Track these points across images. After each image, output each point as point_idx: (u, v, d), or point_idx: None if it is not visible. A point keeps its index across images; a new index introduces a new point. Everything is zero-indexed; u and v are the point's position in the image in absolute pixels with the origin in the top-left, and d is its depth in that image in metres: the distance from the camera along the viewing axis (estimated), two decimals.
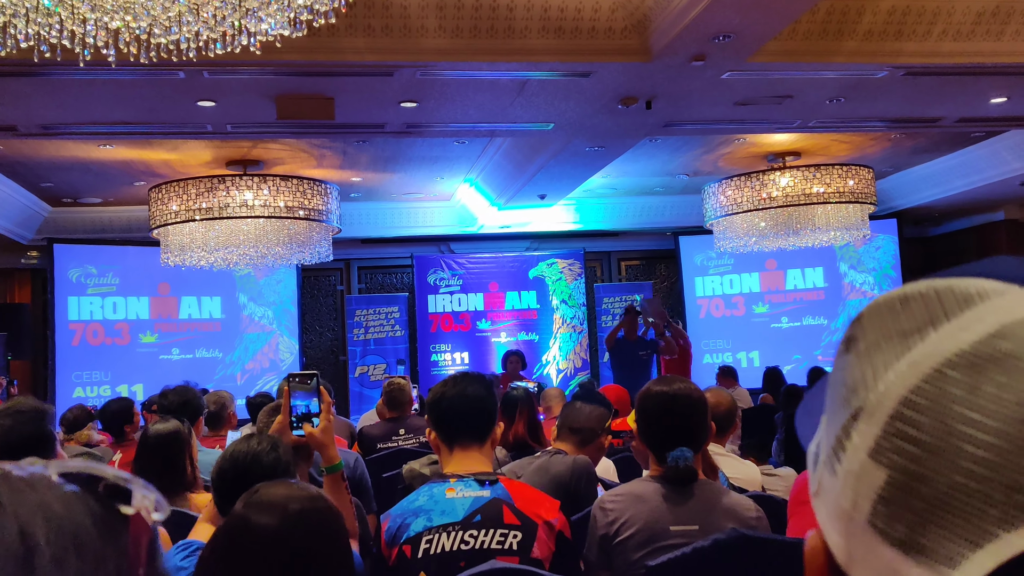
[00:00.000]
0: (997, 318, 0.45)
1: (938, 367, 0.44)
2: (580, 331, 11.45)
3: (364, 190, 9.79)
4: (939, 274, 0.50)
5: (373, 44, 5.21)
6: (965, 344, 0.45)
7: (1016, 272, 0.48)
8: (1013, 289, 0.47)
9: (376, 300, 11.17)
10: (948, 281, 0.48)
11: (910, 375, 0.45)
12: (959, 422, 0.43)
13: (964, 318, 0.46)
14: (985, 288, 0.47)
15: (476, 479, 2.24)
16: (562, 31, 5.32)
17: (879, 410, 0.46)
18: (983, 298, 0.46)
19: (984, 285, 0.47)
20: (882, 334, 0.48)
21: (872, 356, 0.48)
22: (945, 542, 0.42)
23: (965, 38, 5.73)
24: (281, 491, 1.54)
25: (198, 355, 10.24)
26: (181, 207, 7.90)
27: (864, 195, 8.88)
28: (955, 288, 0.47)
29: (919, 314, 0.47)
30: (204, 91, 5.69)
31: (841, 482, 0.47)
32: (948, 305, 0.47)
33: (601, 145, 7.44)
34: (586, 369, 11.29)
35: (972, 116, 7.36)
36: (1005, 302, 0.46)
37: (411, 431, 4.96)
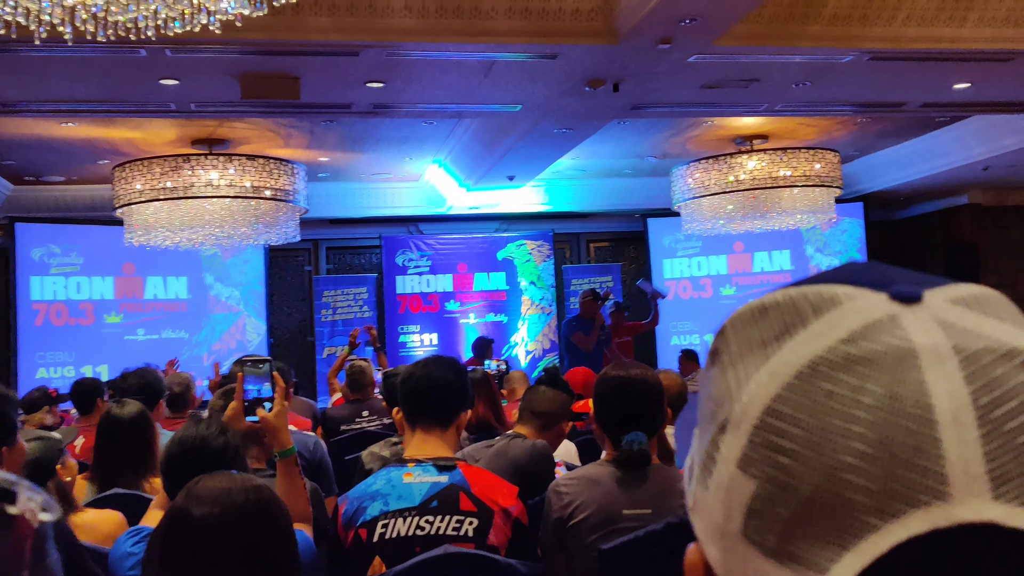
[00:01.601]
0: (848, 323, 0.45)
1: (797, 375, 0.45)
2: (549, 312, 11.48)
3: (332, 170, 9.72)
4: (797, 282, 0.50)
5: (338, 23, 5.16)
6: (820, 350, 0.45)
7: (866, 277, 0.49)
8: (863, 293, 0.47)
9: (344, 281, 11.12)
10: (803, 288, 0.49)
11: (771, 384, 0.46)
12: (820, 428, 0.43)
13: (817, 325, 0.46)
14: (837, 294, 0.47)
15: (435, 464, 2.25)
16: (529, 12, 5.29)
17: (744, 421, 0.46)
18: (835, 304, 0.47)
19: (836, 291, 0.48)
20: (744, 345, 0.49)
21: (735, 367, 0.48)
22: (814, 548, 0.43)
23: (929, 23, 5.78)
24: (221, 482, 1.54)
25: (164, 336, 10.15)
26: (145, 186, 7.79)
27: (830, 179, 8.95)
28: (809, 295, 0.48)
29: (776, 323, 0.48)
30: (167, 69, 5.61)
31: (713, 495, 0.48)
32: (803, 313, 0.47)
33: (569, 127, 7.43)
34: (554, 351, 11.32)
35: (936, 101, 7.43)
36: (855, 307, 0.46)
37: (374, 413, 4.96)
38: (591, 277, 11.67)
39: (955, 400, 0.42)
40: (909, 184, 10.68)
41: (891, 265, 0.52)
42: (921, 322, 0.45)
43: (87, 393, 4.70)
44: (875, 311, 0.46)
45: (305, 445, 3.36)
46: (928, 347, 0.44)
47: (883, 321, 0.45)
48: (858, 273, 0.50)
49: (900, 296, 0.46)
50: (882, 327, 0.45)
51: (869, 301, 0.46)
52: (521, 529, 2.25)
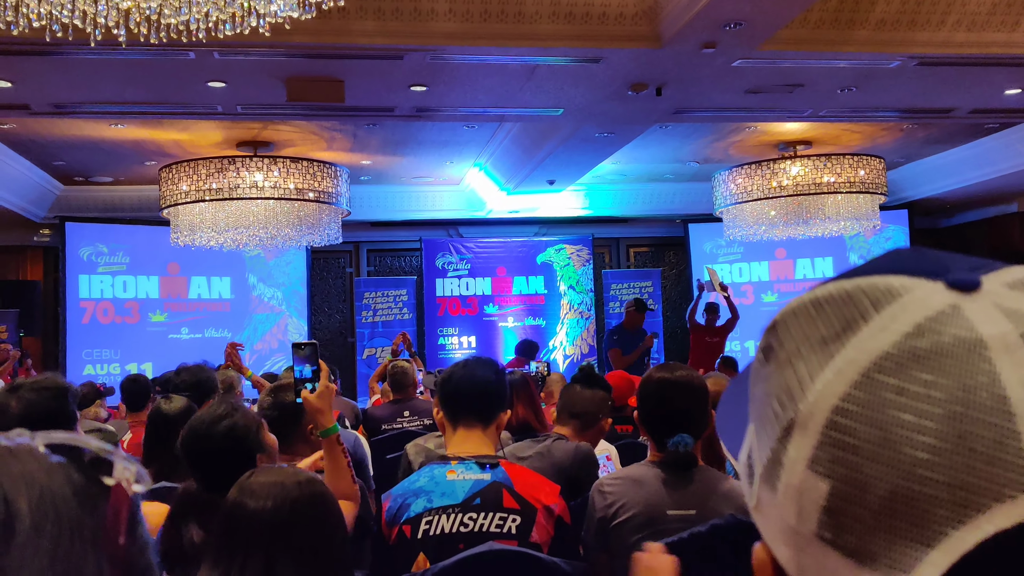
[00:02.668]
0: (910, 316, 0.45)
1: (864, 372, 0.44)
2: (587, 317, 11.46)
3: (374, 173, 9.80)
4: (847, 272, 0.50)
5: (383, 27, 5.21)
6: (885, 346, 0.45)
7: (918, 265, 0.48)
8: (920, 283, 0.47)
9: (384, 283, 11.20)
10: (856, 281, 0.48)
11: (837, 383, 0.45)
12: (893, 425, 0.43)
13: (879, 319, 0.46)
14: (893, 285, 0.47)
15: (477, 462, 2.26)
16: (572, 16, 5.30)
17: (812, 421, 0.46)
18: (893, 296, 0.46)
19: (892, 283, 0.47)
20: (801, 342, 0.48)
21: (796, 366, 0.48)
22: (897, 547, 0.42)
23: (979, 28, 5.70)
24: (274, 476, 1.59)
25: (207, 335, 10.29)
26: (191, 187, 7.92)
27: (875, 185, 8.85)
28: (865, 288, 0.47)
29: (835, 318, 0.47)
30: (214, 72, 5.70)
31: (783, 497, 0.47)
32: (862, 307, 0.47)
33: (611, 131, 7.43)
34: (592, 355, 11.30)
35: (986, 107, 7.31)
36: (915, 298, 0.46)
37: (416, 413, 4.99)
38: (631, 282, 11.63)
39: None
40: (956, 191, 10.50)
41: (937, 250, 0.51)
42: (984, 310, 0.44)
43: (140, 390, 4.79)
44: (936, 302, 0.45)
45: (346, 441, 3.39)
46: (996, 337, 0.43)
47: (946, 312, 0.45)
48: (910, 261, 0.49)
49: (958, 284, 0.46)
50: (946, 318, 0.44)
51: (928, 291, 0.46)
52: (564, 527, 2.26)
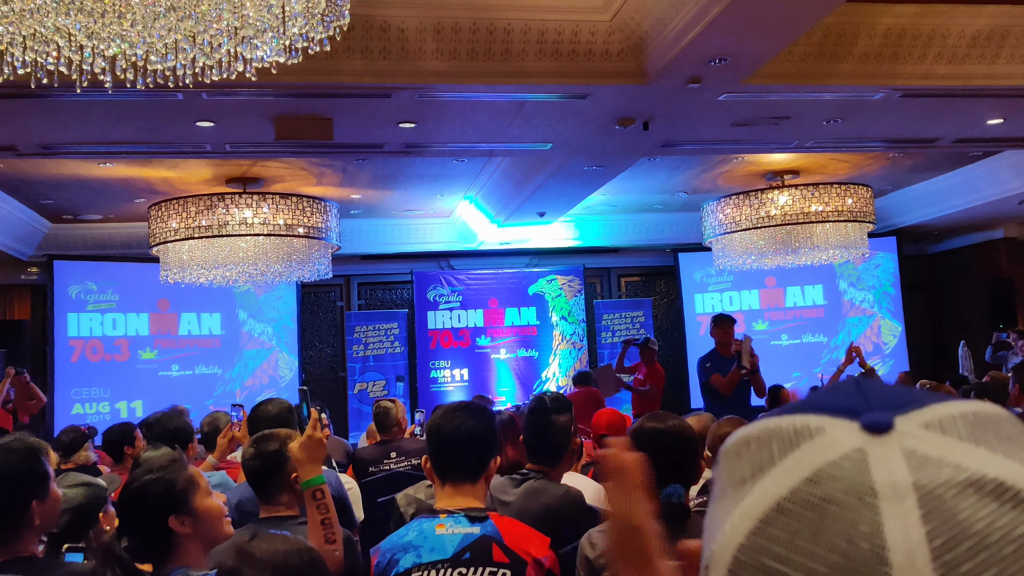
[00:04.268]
0: (812, 461, 0.45)
1: (762, 518, 0.45)
2: (580, 347, 11.45)
3: (364, 207, 9.81)
4: (783, 409, 0.50)
5: (371, 66, 5.23)
6: (783, 491, 0.45)
7: (847, 402, 0.48)
8: (835, 424, 0.47)
9: (376, 316, 11.18)
10: (782, 420, 0.48)
11: (741, 526, 0.46)
12: (782, 574, 0.43)
13: (785, 463, 0.46)
14: (809, 427, 0.47)
15: (467, 515, 2.24)
16: (559, 54, 5.34)
17: (719, 563, 0.46)
18: (808, 437, 0.47)
19: (810, 422, 0.47)
20: (727, 481, 0.49)
21: (719, 504, 0.49)
22: None
23: (960, 61, 5.76)
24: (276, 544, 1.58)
25: (198, 371, 10.24)
26: (181, 224, 7.91)
27: (863, 213, 8.89)
28: (785, 428, 0.48)
29: (753, 459, 0.48)
30: (203, 112, 5.72)
31: None
32: (776, 449, 0.47)
33: (599, 165, 7.46)
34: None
35: (969, 137, 7.37)
36: (824, 441, 0.46)
37: (403, 454, 4.95)
38: (623, 312, 11.64)
39: (909, 543, 0.41)
40: (943, 218, 10.58)
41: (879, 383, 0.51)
42: (886, 456, 0.44)
43: (115, 441, 4.74)
44: (843, 445, 0.45)
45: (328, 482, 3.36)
46: (887, 485, 0.43)
47: (849, 457, 0.45)
48: (841, 397, 0.49)
49: (870, 426, 0.46)
50: (846, 464, 0.44)
51: (839, 434, 0.46)
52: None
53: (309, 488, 2.39)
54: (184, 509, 2.13)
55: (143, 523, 2.13)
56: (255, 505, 2.75)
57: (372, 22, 5.07)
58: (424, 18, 5.11)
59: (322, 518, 2.38)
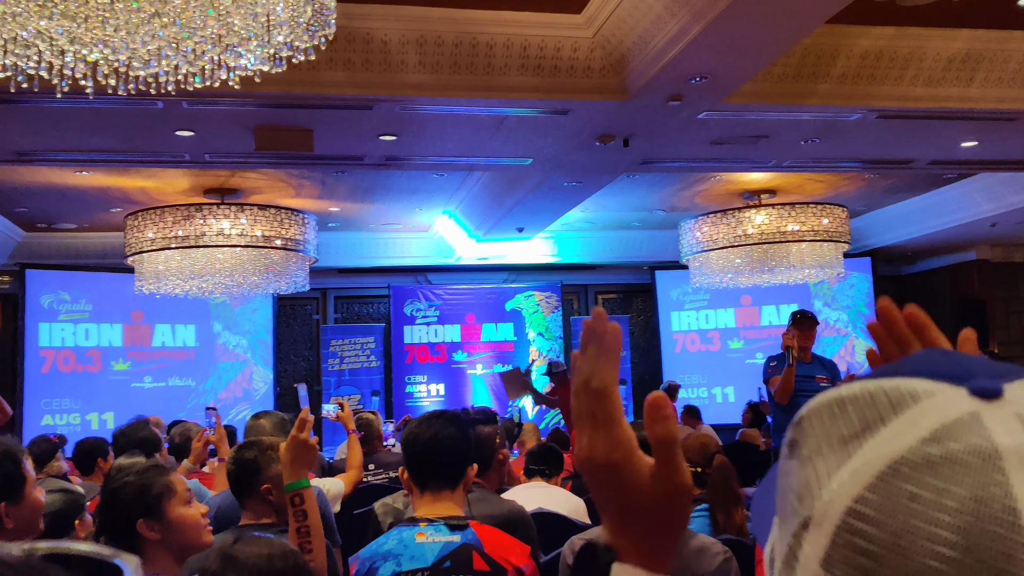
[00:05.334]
0: (928, 422, 0.45)
1: (879, 475, 0.45)
2: None
3: (342, 220, 9.78)
4: (874, 373, 0.50)
5: (353, 78, 5.23)
6: (901, 451, 0.45)
7: (944, 369, 0.48)
8: (942, 388, 0.47)
9: (352, 330, 11.13)
10: (880, 382, 0.48)
11: (852, 484, 0.46)
12: (905, 532, 0.43)
13: (897, 423, 0.46)
14: (916, 390, 0.47)
15: (447, 523, 2.23)
16: (541, 69, 5.36)
17: (826, 520, 0.46)
18: (914, 400, 0.47)
19: (915, 386, 0.47)
20: (823, 440, 0.49)
21: (815, 463, 0.48)
22: None
23: (936, 83, 5.84)
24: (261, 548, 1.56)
25: (171, 383, 10.14)
26: (157, 235, 7.86)
27: (838, 234, 8.98)
28: (888, 390, 0.48)
29: (856, 419, 0.48)
30: (182, 121, 5.68)
31: None
32: (882, 409, 0.47)
33: (579, 181, 7.49)
34: None
35: (944, 159, 7.47)
36: (935, 403, 0.46)
37: (381, 466, 4.92)
38: None
39: None
40: (917, 240, 10.70)
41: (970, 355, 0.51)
42: (1003, 420, 0.45)
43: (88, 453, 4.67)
44: (956, 408, 0.45)
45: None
46: (1011, 448, 0.43)
47: (964, 420, 0.45)
48: (937, 364, 0.49)
49: (981, 392, 0.46)
50: (964, 426, 0.45)
51: (949, 397, 0.46)
52: None
53: (288, 492, 2.33)
54: (155, 515, 2.11)
55: (113, 526, 2.12)
56: (234, 512, 2.73)
57: (355, 34, 5.07)
58: (407, 31, 5.12)
59: (298, 526, 2.32)
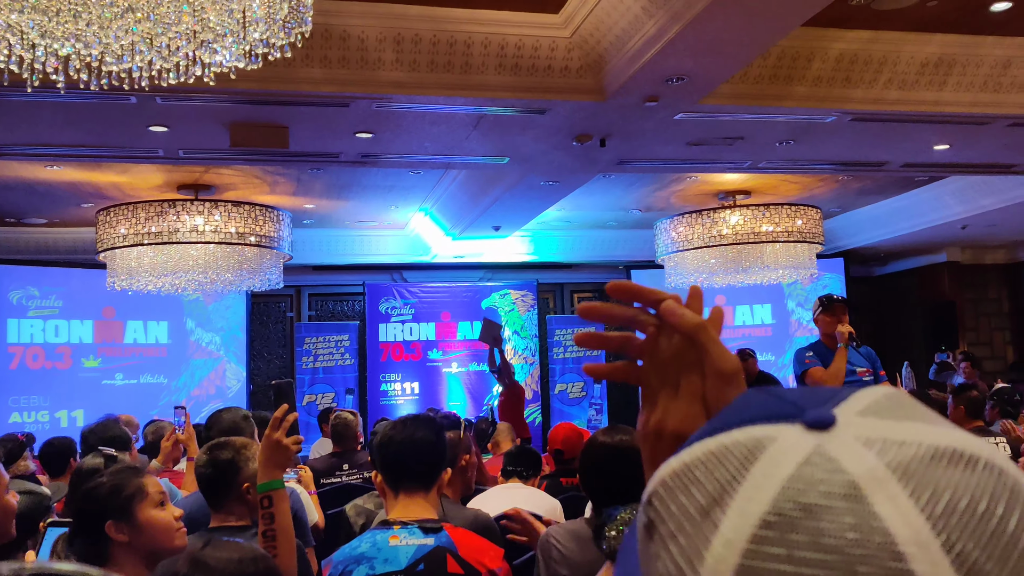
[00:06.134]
0: (779, 472, 0.44)
1: (751, 538, 0.43)
2: (532, 362, 11.45)
3: (317, 217, 9.72)
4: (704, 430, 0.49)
5: (330, 75, 5.20)
6: (765, 507, 0.43)
7: (773, 409, 0.47)
8: (781, 429, 0.46)
9: (326, 328, 11.07)
10: (720, 439, 0.47)
11: (729, 555, 0.43)
12: None
13: (752, 478, 0.44)
14: (757, 437, 0.46)
15: (420, 526, 2.22)
16: (518, 68, 5.36)
17: None
18: (760, 449, 0.45)
19: (755, 434, 0.46)
20: (682, 514, 0.46)
21: (678, 541, 0.46)
22: None
23: (910, 87, 5.90)
24: (231, 552, 1.54)
25: (143, 380, 10.04)
26: (130, 231, 7.78)
27: (812, 235, 9.05)
28: (730, 445, 0.46)
29: (709, 483, 0.46)
30: (156, 116, 5.62)
31: None
32: (733, 468, 0.45)
33: (556, 180, 7.49)
34: (536, 401, 11.28)
35: (916, 162, 7.55)
36: (781, 448, 0.45)
37: (356, 467, 4.89)
38: (575, 327, 11.67)
39: (910, 524, 0.41)
40: (889, 241, 10.81)
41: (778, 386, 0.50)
42: (847, 448, 0.44)
43: (58, 454, 4.59)
44: (801, 448, 0.44)
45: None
46: (864, 474, 0.42)
47: (812, 457, 0.44)
48: (763, 406, 0.48)
49: (815, 424, 0.45)
50: (814, 465, 0.43)
51: (790, 437, 0.45)
52: None
53: (260, 493, 2.30)
54: (124, 517, 2.09)
55: (83, 526, 2.10)
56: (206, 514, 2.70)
57: (332, 31, 5.04)
58: (384, 29, 5.10)
59: (265, 528, 2.27)
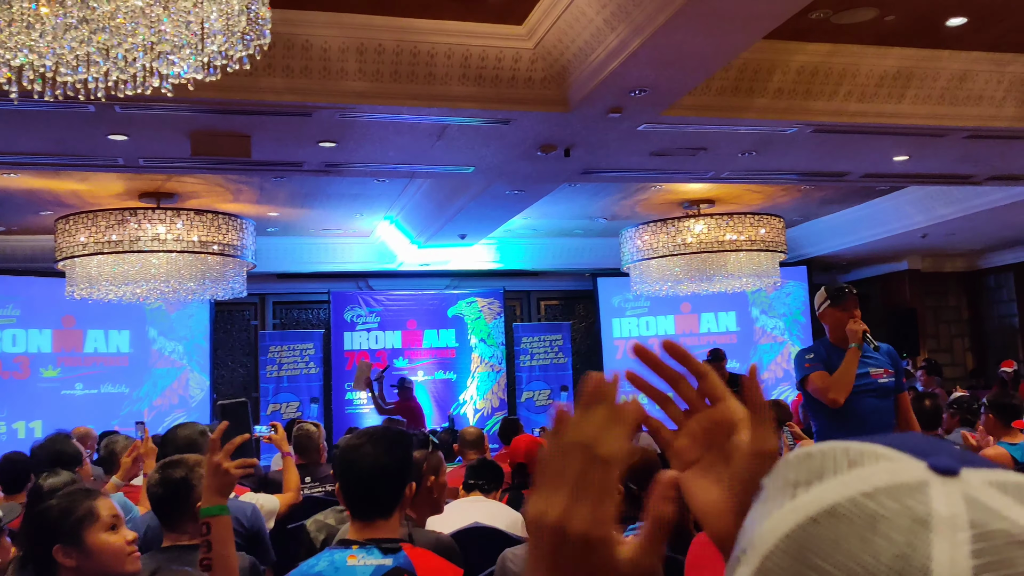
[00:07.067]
0: (875, 480, 0.47)
1: (812, 516, 0.46)
2: (498, 370, 11.45)
3: (281, 225, 9.65)
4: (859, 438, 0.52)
5: (292, 84, 5.16)
6: (839, 498, 0.46)
7: (914, 445, 0.50)
8: (904, 457, 0.48)
9: (291, 336, 10.99)
10: (852, 444, 0.50)
11: (786, 520, 0.47)
12: (823, 573, 0.44)
13: (847, 476, 0.47)
14: (879, 452, 0.49)
15: (379, 547, 2.19)
16: (482, 79, 5.36)
17: (755, 551, 0.48)
18: (873, 460, 0.48)
19: (879, 450, 0.49)
20: (780, 483, 0.50)
21: (767, 502, 0.50)
22: None
23: (869, 99, 5.98)
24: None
25: (103, 390, 9.90)
26: (90, 239, 7.65)
27: (775, 243, 9.13)
28: (852, 449, 0.49)
29: (814, 468, 0.49)
30: (116, 125, 5.55)
31: None
32: (839, 463, 0.48)
33: (521, 189, 7.50)
34: (503, 409, 11.27)
35: (876, 172, 7.65)
36: (890, 467, 0.47)
37: (318, 480, 4.83)
38: (541, 335, 11.69)
39: (955, 569, 0.42)
40: (851, 249, 10.95)
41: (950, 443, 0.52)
42: (948, 494, 0.46)
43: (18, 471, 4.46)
44: (908, 474, 0.47)
45: (242, 512, 3.23)
46: (944, 516, 0.44)
47: (911, 484, 0.46)
48: (910, 440, 0.51)
49: (938, 467, 0.47)
50: (907, 490, 0.46)
51: (906, 464, 0.47)
52: None
53: (200, 518, 2.18)
54: (72, 541, 2.04)
55: (32, 550, 2.05)
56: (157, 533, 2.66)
57: (294, 40, 5.01)
58: (347, 39, 5.08)
59: (203, 557, 2.15)
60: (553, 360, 11.47)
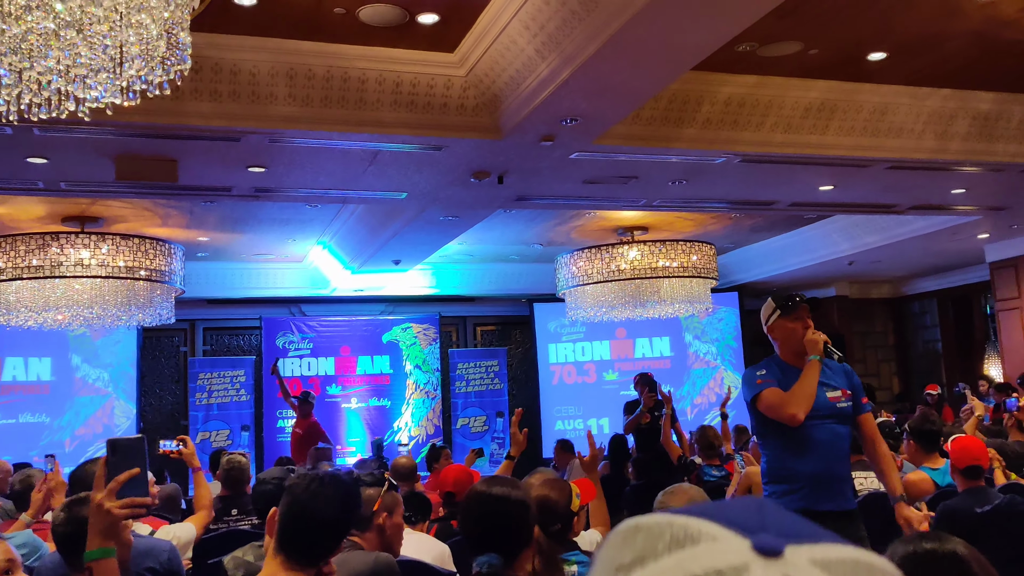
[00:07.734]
0: (694, 566, 0.45)
1: None
2: (433, 397, 11.37)
3: (212, 249, 9.48)
4: (686, 509, 0.50)
5: (219, 109, 5.08)
6: None
7: (740, 518, 0.49)
8: (728, 536, 0.47)
9: (221, 363, 10.77)
10: (676, 518, 0.49)
11: None
12: None
13: (668, 560, 0.46)
14: (703, 531, 0.47)
15: None
16: (414, 105, 5.34)
17: None
18: (694, 542, 0.47)
19: (703, 528, 0.48)
20: (605, 565, 0.49)
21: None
22: None
23: (795, 130, 6.11)
24: None
25: (22, 420, 9.56)
26: (8, 264, 7.41)
27: (707, 270, 9.25)
28: (675, 527, 0.48)
29: (638, 549, 0.48)
30: (34, 148, 5.40)
31: None
32: (662, 545, 0.47)
33: (455, 215, 7.48)
34: (438, 436, 11.18)
35: (803, 201, 7.82)
36: (711, 549, 0.46)
37: (244, 512, 4.72)
38: (478, 361, 11.65)
39: None
40: (781, 276, 11.15)
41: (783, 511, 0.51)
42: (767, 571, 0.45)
43: None
44: (729, 557, 0.45)
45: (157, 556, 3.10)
46: None
47: (734, 567, 0.45)
48: (737, 512, 0.49)
49: (761, 548, 0.46)
50: (729, 575, 0.45)
51: (729, 546, 0.46)
52: None
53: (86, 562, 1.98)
54: None
55: None
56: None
57: (222, 64, 4.93)
58: (277, 63, 5.02)
59: None
60: (489, 386, 11.43)
